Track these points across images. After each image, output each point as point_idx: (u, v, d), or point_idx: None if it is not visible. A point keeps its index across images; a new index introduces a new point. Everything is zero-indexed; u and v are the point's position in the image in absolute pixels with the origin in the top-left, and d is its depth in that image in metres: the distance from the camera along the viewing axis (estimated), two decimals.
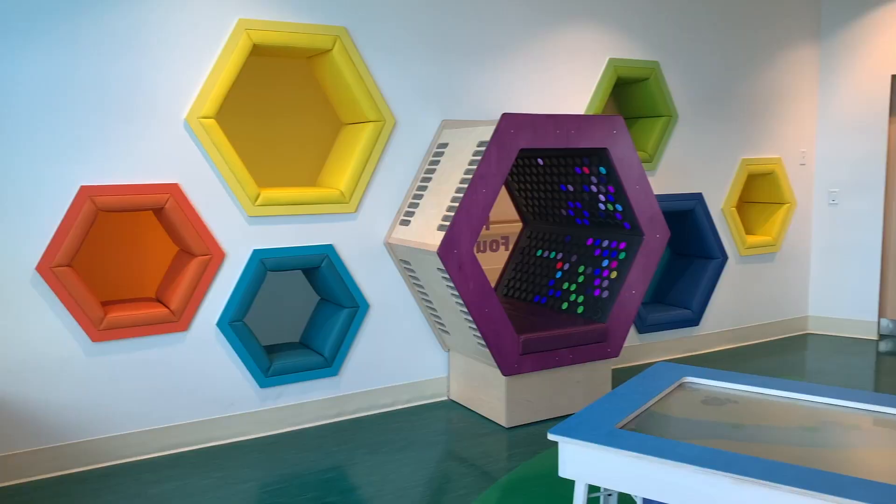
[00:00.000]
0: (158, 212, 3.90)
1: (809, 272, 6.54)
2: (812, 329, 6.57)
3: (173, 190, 3.84)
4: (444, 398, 4.80)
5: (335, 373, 4.37)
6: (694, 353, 5.87)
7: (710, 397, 2.75)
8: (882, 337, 6.32)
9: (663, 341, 5.73)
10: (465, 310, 4.09)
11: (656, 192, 5.52)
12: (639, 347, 5.61)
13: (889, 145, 6.20)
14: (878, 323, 6.31)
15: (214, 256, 3.98)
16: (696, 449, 2.14)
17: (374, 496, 3.43)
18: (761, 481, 1.93)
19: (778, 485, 1.90)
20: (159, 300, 4.07)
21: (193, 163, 3.92)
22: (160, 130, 3.83)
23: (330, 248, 4.28)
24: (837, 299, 6.43)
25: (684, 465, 2.04)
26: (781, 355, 5.84)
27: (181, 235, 3.91)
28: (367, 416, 4.50)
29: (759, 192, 6.37)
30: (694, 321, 5.80)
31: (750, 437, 2.34)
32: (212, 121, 3.90)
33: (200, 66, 3.90)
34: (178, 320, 3.91)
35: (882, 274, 6.26)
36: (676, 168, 5.66)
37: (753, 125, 6.06)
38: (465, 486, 3.53)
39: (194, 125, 3.87)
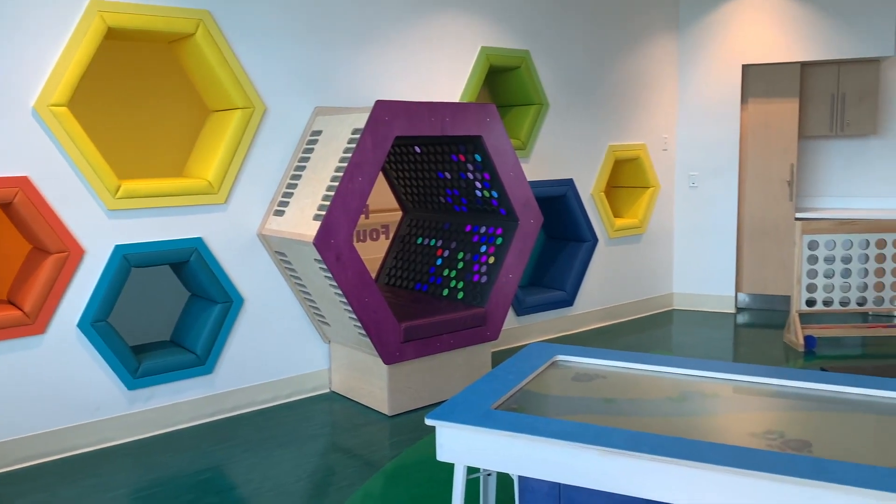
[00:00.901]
0: (6, 207, 3.61)
1: (673, 252, 6.91)
2: (677, 305, 6.95)
3: (22, 183, 3.57)
4: (327, 390, 4.74)
5: (209, 371, 4.22)
6: (569, 333, 6.09)
7: (581, 374, 2.86)
8: (739, 310, 6.78)
9: (540, 322, 5.90)
10: (345, 300, 4.04)
11: (530, 178, 5.66)
12: (517, 329, 5.75)
13: (742, 131, 6.63)
14: (736, 297, 6.76)
15: (72, 253, 3.73)
16: (566, 424, 2.21)
17: (254, 494, 3.34)
18: (626, 452, 2.02)
19: (641, 454, 2.00)
20: (11, 302, 3.78)
21: (44, 154, 3.65)
22: (5, 119, 3.54)
23: (199, 241, 4.12)
24: (699, 277, 6.84)
25: (555, 440, 2.11)
26: (649, 331, 6.16)
27: (34, 232, 3.64)
28: (246, 413, 4.37)
29: (626, 177, 6.67)
30: (568, 302, 6.00)
31: (619, 411, 2.45)
32: (64, 109, 3.65)
33: (49, 51, 3.62)
34: (34, 323, 3.65)
35: (738, 251, 6.71)
36: (548, 155, 5.82)
37: (619, 113, 6.33)
38: (348, 476, 3.51)
39: (44, 113, 3.60)
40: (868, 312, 6.40)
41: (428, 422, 2.31)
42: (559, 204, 5.99)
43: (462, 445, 2.28)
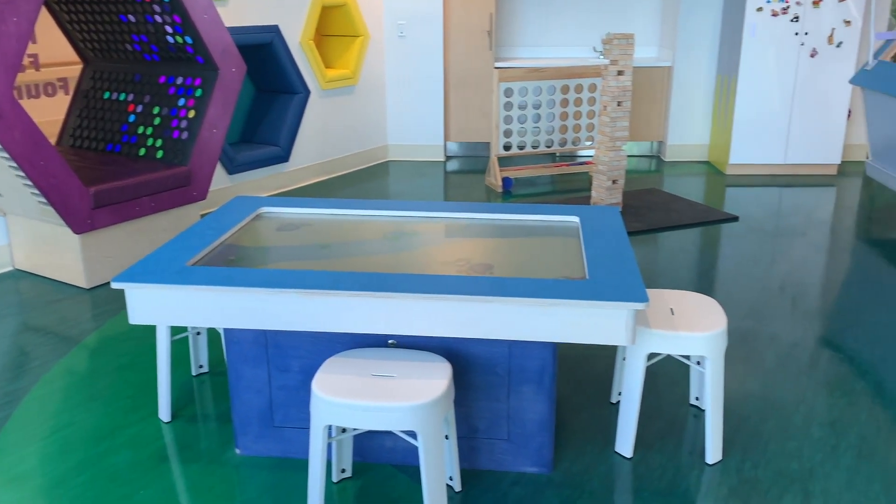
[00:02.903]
0: None
1: (386, 103, 6.98)
2: (392, 157, 7.12)
3: None
4: (9, 269, 4.19)
5: None
6: (286, 189, 5.98)
7: (287, 224, 2.81)
8: (448, 158, 7.14)
9: (254, 180, 5.71)
10: (15, 165, 3.51)
11: (229, 24, 5.25)
12: (230, 189, 5.51)
13: None
14: (445, 146, 7.09)
15: None
16: (265, 273, 2.17)
17: None
18: (325, 291, 2.04)
19: (340, 291, 2.03)
20: None
21: None
22: None
23: None
24: (411, 127, 7.02)
25: (253, 289, 2.06)
26: (365, 183, 6.26)
27: None
28: None
29: (335, 26, 6.47)
30: (283, 158, 5.85)
31: (323, 255, 2.46)
32: None
33: None
34: None
35: (445, 101, 6.96)
36: None
37: None
38: (42, 355, 3.19)
39: None
40: (556, 153, 7.12)
41: (114, 285, 2.12)
42: (265, 53, 5.67)
43: (156, 306, 2.15)
